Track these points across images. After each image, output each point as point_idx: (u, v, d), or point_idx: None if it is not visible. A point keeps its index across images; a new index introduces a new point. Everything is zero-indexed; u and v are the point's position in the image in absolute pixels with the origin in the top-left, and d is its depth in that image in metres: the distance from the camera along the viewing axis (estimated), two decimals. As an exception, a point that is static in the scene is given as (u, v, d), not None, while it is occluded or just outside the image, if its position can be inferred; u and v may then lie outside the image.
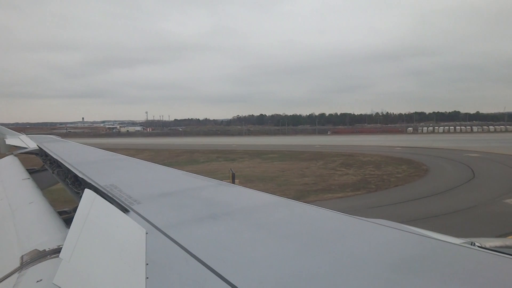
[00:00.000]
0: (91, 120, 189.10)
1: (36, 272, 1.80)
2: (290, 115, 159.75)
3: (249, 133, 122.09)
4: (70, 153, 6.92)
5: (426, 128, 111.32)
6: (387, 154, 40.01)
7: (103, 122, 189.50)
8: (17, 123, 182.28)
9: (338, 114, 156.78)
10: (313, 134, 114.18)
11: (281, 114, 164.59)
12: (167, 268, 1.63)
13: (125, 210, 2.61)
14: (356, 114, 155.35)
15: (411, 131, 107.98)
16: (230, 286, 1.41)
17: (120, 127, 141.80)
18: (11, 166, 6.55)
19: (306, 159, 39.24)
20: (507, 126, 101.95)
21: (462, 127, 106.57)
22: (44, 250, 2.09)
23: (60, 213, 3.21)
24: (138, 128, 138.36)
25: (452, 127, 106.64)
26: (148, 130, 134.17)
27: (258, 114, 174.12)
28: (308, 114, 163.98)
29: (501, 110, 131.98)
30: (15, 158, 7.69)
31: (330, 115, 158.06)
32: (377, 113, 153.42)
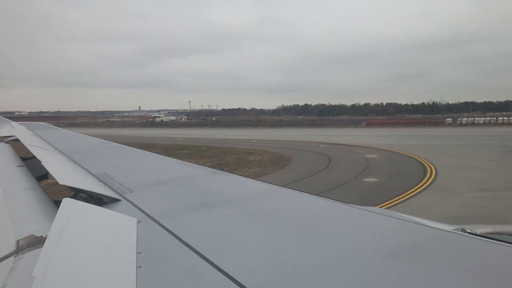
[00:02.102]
0: (148, 109, 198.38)
1: (33, 257, 1.77)
2: (334, 105, 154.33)
3: (281, 123, 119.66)
4: (61, 141, 6.84)
5: (466, 119, 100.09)
6: (289, 153, 36.04)
7: (158, 111, 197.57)
8: (79, 111, 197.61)
9: (384, 104, 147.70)
10: (345, 126, 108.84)
11: (326, 104, 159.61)
12: (160, 257, 1.64)
13: (116, 199, 2.60)
14: (401, 103, 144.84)
15: (450, 122, 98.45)
16: (224, 274, 1.42)
17: (154, 116, 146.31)
18: (3, 154, 6.41)
19: (206, 156, 36.81)
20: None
21: (504, 118, 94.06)
22: (41, 236, 2.09)
23: (56, 203, 3.09)
24: (173, 117, 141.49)
25: (494, 118, 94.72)
26: (183, 119, 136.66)
27: (303, 104, 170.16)
28: (351, 104, 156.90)
29: None
30: (7, 145, 7.51)
31: (376, 105, 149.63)
32: (428, 103, 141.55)
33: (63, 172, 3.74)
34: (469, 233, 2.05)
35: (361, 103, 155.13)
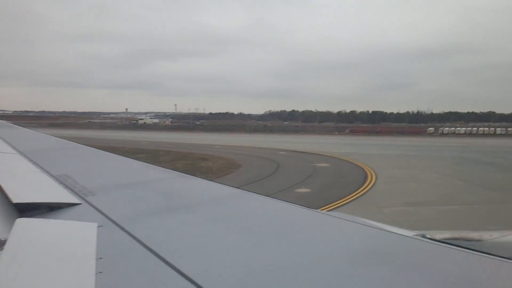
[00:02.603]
0: (136, 111, 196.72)
1: None
2: (321, 112, 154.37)
3: (265, 129, 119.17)
4: (20, 141, 6.54)
5: (447, 129, 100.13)
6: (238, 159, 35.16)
7: (146, 113, 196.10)
8: (65, 112, 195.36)
9: (370, 112, 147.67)
10: (327, 133, 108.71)
11: (313, 110, 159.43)
12: (121, 262, 1.63)
13: (76, 203, 2.49)
14: (387, 112, 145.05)
15: (431, 132, 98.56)
16: (187, 279, 1.41)
17: (138, 119, 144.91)
18: None
19: (158, 161, 35.79)
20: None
21: (485, 128, 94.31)
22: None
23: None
24: (157, 120, 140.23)
25: (475, 129, 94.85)
26: (166, 122, 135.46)
27: (290, 110, 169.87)
28: (337, 111, 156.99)
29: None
30: None
31: (362, 112, 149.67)
32: (413, 112, 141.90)
33: (19, 181, 3.41)
34: (429, 238, 2.04)
35: (348, 111, 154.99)
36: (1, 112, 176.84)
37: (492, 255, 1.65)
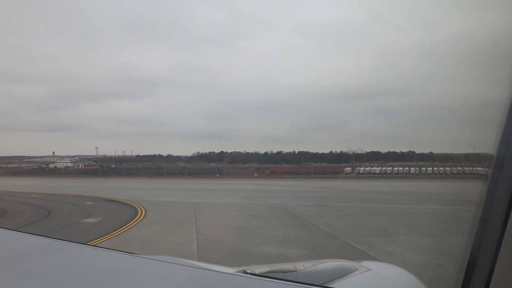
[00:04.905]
0: (64, 154, 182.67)
1: None
2: (249, 153, 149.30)
3: (184, 172, 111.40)
4: None
5: (363, 169, 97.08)
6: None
7: (74, 156, 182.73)
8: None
9: (296, 152, 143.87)
10: (247, 175, 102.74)
11: (241, 151, 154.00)
12: None
13: None
14: (313, 152, 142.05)
15: (348, 172, 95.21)
16: None
17: (48, 163, 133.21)
18: None
19: None
20: (451, 168, 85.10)
21: (400, 168, 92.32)
22: None
23: None
24: (70, 164, 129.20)
25: (390, 168, 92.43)
26: (80, 166, 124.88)
27: (219, 151, 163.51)
28: (264, 152, 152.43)
29: (471, 151, 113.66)
30: None
31: (288, 153, 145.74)
32: (336, 152, 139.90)
33: None
34: (249, 273, 2.06)
35: (275, 151, 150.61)
36: None
37: (306, 283, 1.83)
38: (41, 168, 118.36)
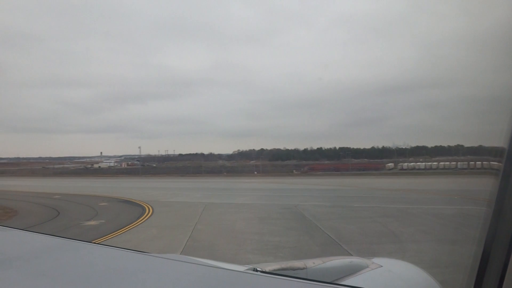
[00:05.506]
0: (112, 154, 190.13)
1: None
2: (289, 149, 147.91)
3: (221, 170, 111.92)
4: None
5: (407, 164, 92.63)
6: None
7: (120, 156, 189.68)
8: (40, 157, 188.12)
9: (337, 148, 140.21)
10: (285, 172, 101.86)
11: (281, 148, 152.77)
12: None
13: None
14: (354, 147, 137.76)
15: (391, 167, 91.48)
16: None
17: (93, 163, 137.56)
18: None
19: None
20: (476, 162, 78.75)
21: (446, 163, 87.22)
22: None
23: None
24: (112, 164, 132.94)
25: (435, 163, 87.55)
26: (123, 165, 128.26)
27: (259, 149, 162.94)
28: (304, 149, 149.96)
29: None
30: None
31: (328, 149, 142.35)
32: (378, 147, 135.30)
33: None
34: (260, 271, 2.06)
35: (315, 148, 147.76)
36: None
37: (316, 281, 1.78)
38: (86, 168, 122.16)
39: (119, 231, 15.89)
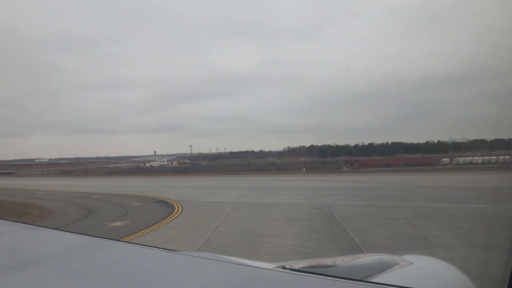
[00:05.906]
0: (165, 153, 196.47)
1: None
2: (339, 145, 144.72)
3: (270, 167, 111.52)
4: None
5: (463, 159, 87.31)
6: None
7: (173, 155, 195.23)
8: (98, 157, 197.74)
9: (389, 143, 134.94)
10: (333, 169, 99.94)
11: (332, 144, 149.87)
12: None
13: None
14: (407, 142, 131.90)
15: (446, 163, 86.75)
16: None
17: (145, 162, 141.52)
18: None
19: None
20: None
21: (507, 156, 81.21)
22: None
23: None
24: (163, 162, 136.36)
25: (495, 157, 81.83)
26: (174, 164, 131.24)
27: (309, 145, 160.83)
28: (355, 144, 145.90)
29: None
30: None
31: (380, 144, 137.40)
32: (433, 141, 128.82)
33: None
34: (288, 269, 2.04)
35: (366, 143, 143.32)
36: (37, 160, 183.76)
37: (346, 278, 1.79)
38: (138, 167, 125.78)
39: (138, 233, 15.66)
